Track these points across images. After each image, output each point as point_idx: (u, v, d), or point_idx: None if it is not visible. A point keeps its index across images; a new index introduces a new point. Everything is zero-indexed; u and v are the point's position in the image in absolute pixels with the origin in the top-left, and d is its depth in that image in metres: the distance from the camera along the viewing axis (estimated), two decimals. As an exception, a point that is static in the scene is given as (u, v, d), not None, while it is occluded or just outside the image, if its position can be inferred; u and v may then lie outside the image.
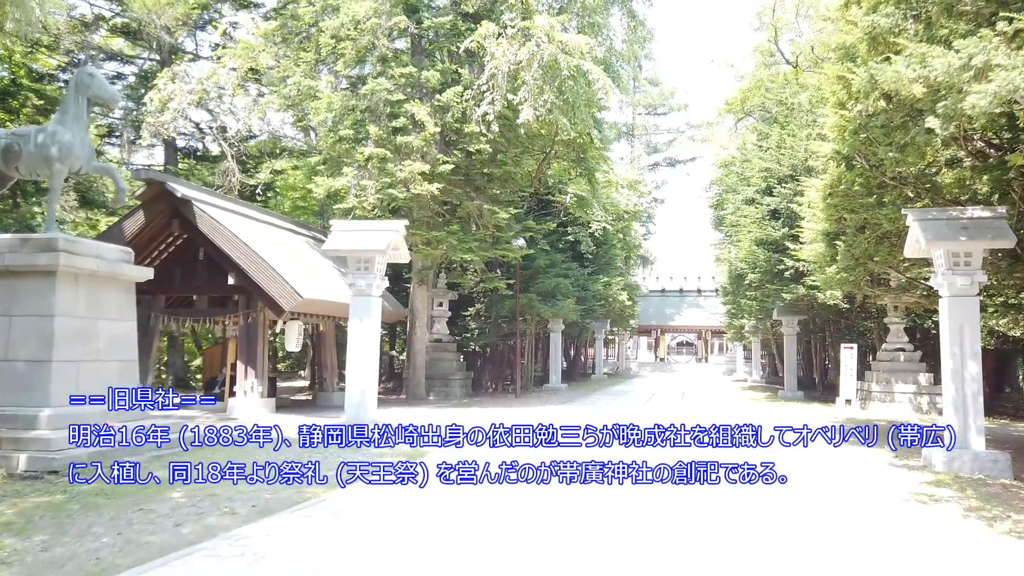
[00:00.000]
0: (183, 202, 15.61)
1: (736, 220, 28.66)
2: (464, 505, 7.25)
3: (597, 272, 30.97)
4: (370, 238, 11.14)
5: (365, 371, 11.22)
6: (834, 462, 10.54)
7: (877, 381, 20.67)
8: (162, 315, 17.12)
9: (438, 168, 17.46)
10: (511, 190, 20.78)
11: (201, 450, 9.95)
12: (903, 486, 8.60)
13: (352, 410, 11.19)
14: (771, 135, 24.41)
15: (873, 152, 10.75)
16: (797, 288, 21.45)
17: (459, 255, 18.76)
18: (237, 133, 24.06)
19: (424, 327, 21.69)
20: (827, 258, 13.21)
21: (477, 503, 7.35)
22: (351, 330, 11.36)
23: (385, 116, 17.51)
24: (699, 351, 64.85)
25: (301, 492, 7.42)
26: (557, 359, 28.10)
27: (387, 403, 20.70)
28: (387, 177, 17.07)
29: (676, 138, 61.58)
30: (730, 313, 39.50)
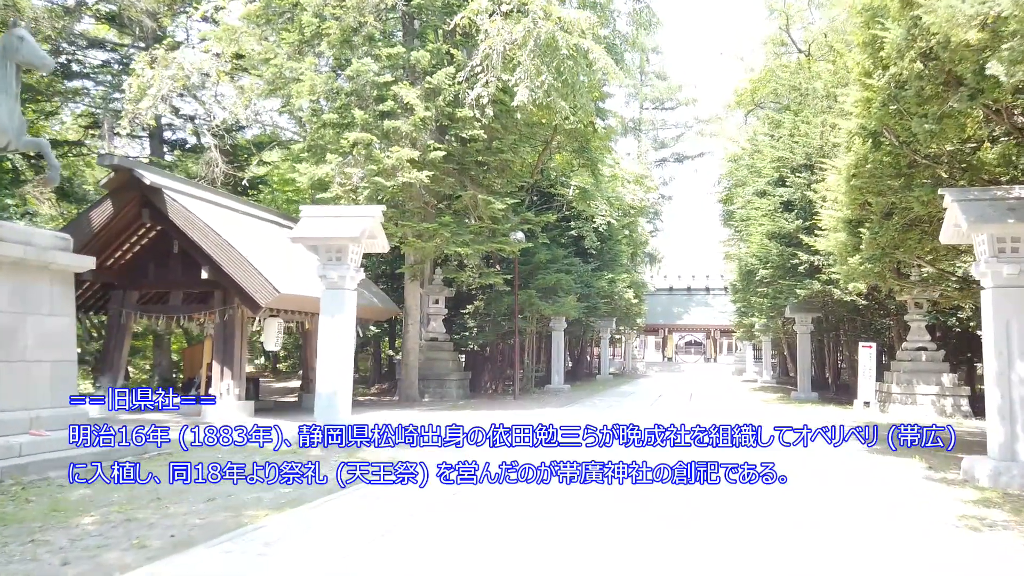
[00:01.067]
0: (153, 191, 14.54)
1: (746, 214, 27.45)
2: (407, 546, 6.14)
3: (601, 268, 29.79)
4: (342, 225, 10.03)
5: (337, 372, 10.11)
6: (863, 472, 9.36)
7: (897, 382, 19.45)
8: (134, 312, 16.05)
9: (428, 155, 16.33)
10: (508, 180, 19.64)
11: (154, 459, 8.87)
12: (947, 507, 7.41)
13: (322, 414, 10.08)
14: (784, 123, 23.20)
15: (904, 127, 9.57)
16: (812, 283, 20.25)
17: (452, 248, 17.62)
18: (223, 122, 22.99)
19: (418, 325, 20.58)
20: (849, 248, 12.01)
21: (435, 526, 6.24)
22: (321, 327, 10.26)
23: (372, 100, 16.40)
24: (708, 351, 63.55)
25: (238, 516, 6.30)
26: (559, 359, 26.92)
27: (378, 405, 19.60)
28: (373, 164, 15.95)
29: (684, 133, 60.33)
30: (740, 311, 38.25)
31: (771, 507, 7.28)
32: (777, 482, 8.01)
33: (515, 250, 19.79)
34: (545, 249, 23.95)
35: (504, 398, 22.54)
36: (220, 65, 19.92)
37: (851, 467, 9.89)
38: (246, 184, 22.58)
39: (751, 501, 7.50)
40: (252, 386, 18.11)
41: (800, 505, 7.41)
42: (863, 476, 9.21)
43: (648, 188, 43.20)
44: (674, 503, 7.34)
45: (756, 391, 30.21)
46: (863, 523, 6.71)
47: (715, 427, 9.74)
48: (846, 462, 10.24)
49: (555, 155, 25.81)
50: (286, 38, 17.11)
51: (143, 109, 19.26)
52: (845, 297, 20.11)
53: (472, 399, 22.02)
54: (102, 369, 16.03)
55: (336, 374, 10.09)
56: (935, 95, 8.84)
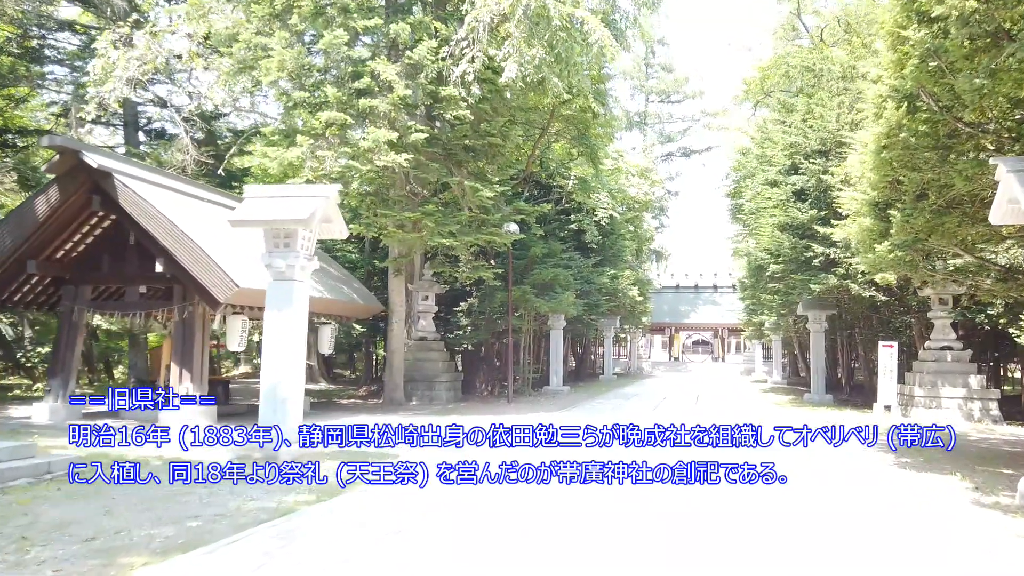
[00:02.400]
0: (102, 175, 13.18)
1: (756, 206, 25.94)
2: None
3: (603, 264, 28.31)
4: (290, 206, 8.64)
5: (286, 375, 8.72)
6: (900, 494, 7.91)
7: (920, 384, 17.99)
8: (87, 308, 14.72)
9: (409, 137, 14.92)
10: (500, 167, 18.22)
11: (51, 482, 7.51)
12: (1010, 545, 5.97)
13: (269, 424, 8.69)
14: (796, 107, 21.69)
15: (946, 86, 8.12)
16: (827, 278, 18.77)
17: (437, 240, 16.21)
18: (198, 107, 21.66)
19: (403, 323, 19.19)
20: (875, 234, 10.55)
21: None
22: (267, 324, 8.88)
23: (347, 77, 15.01)
24: (715, 350, 61.93)
25: (108, 567, 4.91)
26: (558, 359, 25.45)
27: (359, 409, 18.20)
28: (348, 147, 14.56)
29: (691, 127, 58.81)
30: (749, 309, 36.80)
31: (798, 532, 5.98)
32: (800, 499, 7.26)
33: (507, 242, 18.36)
34: (541, 242, 22.53)
35: (497, 401, 21.12)
36: (192, 46, 18.62)
37: (885, 486, 8.44)
38: (222, 174, 21.18)
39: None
40: (222, 388, 16.75)
41: (836, 544, 6.00)
42: (900, 499, 7.76)
43: (653, 182, 41.69)
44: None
45: (766, 392, 28.70)
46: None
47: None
48: (878, 478, 8.80)
49: (553, 144, 24.39)
50: (256, 11, 15.72)
51: (107, 92, 17.95)
52: (863, 292, 18.64)
53: (463, 402, 20.62)
54: (53, 371, 14.70)
55: (284, 376, 8.70)
56: (985, 48, 7.42)
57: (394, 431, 9.74)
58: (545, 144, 23.38)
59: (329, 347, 17.65)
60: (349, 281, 18.14)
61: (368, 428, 9.46)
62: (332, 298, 16.03)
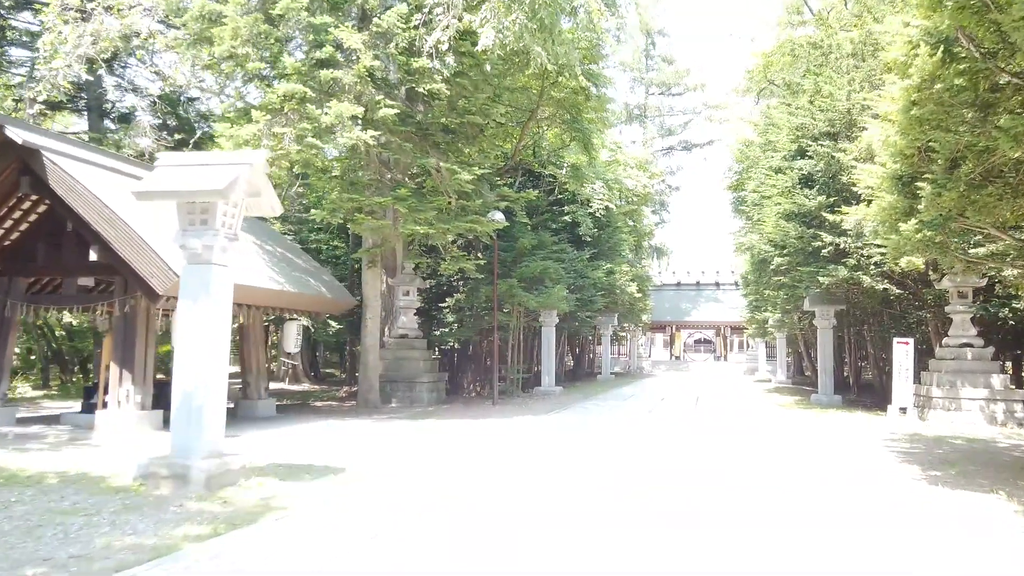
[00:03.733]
0: (29, 152, 11.79)
1: (760, 196, 24.45)
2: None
3: (599, 258, 26.86)
4: (205, 175, 7.24)
5: (203, 380, 7.31)
6: (937, 519, 6.47)
7: (938, 384, 16.53)
8: (21, 303, 13.32)
9: (376, 112, 13.52)
10: (483, 151, 16.80)
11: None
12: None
13: (181, 439, 7.29)
14: (803, 88, 20.21)
15: (991, 25, 6.70)
16: (837, 269, 17.31)
17: (410, 228, 14.80)
18: (163, 90, 20.28)
19: (378, 319, 17.76)
20: (899, 212, 9.11)
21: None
22: (180, 316, 7.48)
23: (307, 46, 13.62)
24: (717, 348, 60.43)
25: None
26: (550, 357, 24.00)
27: (328, 413, 16.80)
28: (307, 123, 13.15)
29: (692, 119, 57.31)
30: (752, 306, 35.30)
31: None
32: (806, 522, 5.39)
33: (489, 231, 16.93)
34: (530, 233, 21.11)
35: (483, 403, 19.71)
36: (152, 22, 17.23)
37: (917, 510, 7.01)
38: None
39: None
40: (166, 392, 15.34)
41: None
42: (940, 530, 6.33)
43: (652, 175, 40.25)
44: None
45: (770, 393, 27.25)
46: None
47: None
48: (906, 499, 7.37)
49: (545, 130, 22.97)
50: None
51: (57, 70, 16.59)
52: (876, 285, 17.19)
53: (446, 404, 19.22)
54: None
55: (200, 381, 7.29)
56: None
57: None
58: (535, 130, 21.99)
59: (295, 345, 16.27)
60: (319, 273, 16.75)
61: (312, 440, 8.05)
62: (296, 291, 14.63)
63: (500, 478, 8.34)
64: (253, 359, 15.91)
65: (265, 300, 14.35)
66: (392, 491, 7.46)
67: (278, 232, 19.62)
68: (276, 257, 15.42)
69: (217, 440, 7.51)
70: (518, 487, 7.76)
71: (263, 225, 16.79)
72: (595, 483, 8.01)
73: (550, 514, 6.52)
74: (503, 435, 12.60)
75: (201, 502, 6.69)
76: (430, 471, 8.80)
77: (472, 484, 7.94)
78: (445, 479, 8.25)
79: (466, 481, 8.13)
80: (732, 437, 12.75)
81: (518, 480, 8.19)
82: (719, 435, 13.04)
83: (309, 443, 11.38)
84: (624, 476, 8.48)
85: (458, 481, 8.12)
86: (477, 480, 8.21)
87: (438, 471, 8.81)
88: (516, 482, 8.06)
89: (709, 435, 12.96)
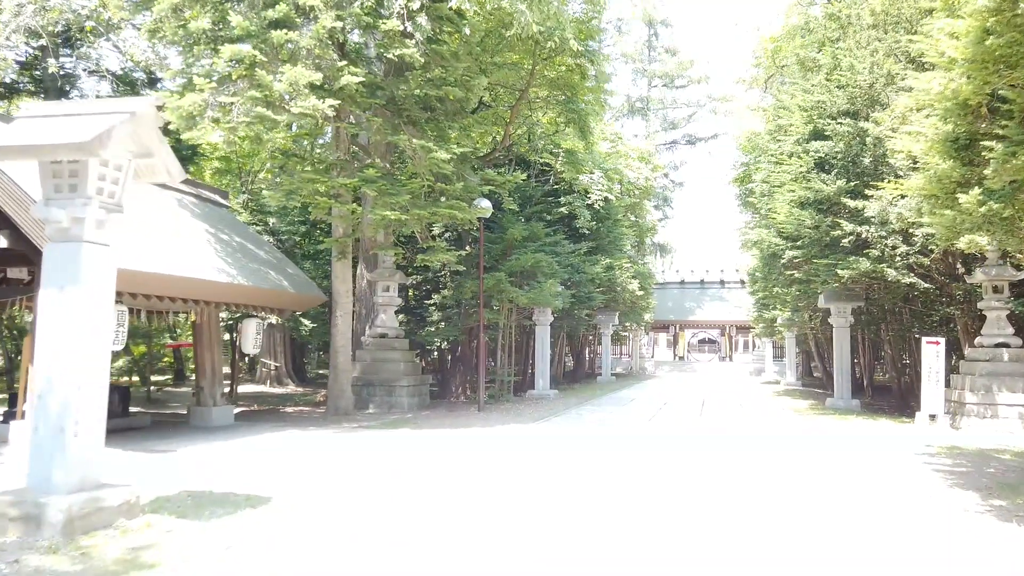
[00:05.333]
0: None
1: (770, 185, 22.70)
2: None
3: (597, 252, 25.13)
4: (72, 127, 5.60)
5: (69, 389, 5.67)
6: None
7: (971, 389, 14.82)
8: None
9: (339, 80, 11.83)
10: (463, 128, 15.10)
11: None
12: None
13: (39, 467, 5.63)
14: (819, 63, 18.44)
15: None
16: (858, 261, 15.58)
17: (379, 212, 13.11)
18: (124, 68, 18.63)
19: (349, 317, 16.05)
20: (954, 182, 7.39)
21: None
22: (41, 307, 5.83)
23: (259, 3, 11.94)
24: (723, 349, 58.62)
25: None
26: (545, 358, 22.27)
27: (296, 420, 15.12)
28: (258, 91, 11.47)
29: (696, 112, 55.50)
30: (759, 304, 33.53)
31: None
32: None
33: (472, 219, 15.24)
34: (522, 224, 19.42)
35: (469, 408, 18.02)
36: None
37: (987, 554, 5.32)
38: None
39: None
40: (117, 397, 13.71)
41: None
42: None
43: (655, 167, 38.50)
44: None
45: (781, 395, 25.51)
46: None
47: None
48: (972, 538, 5.68)
49: (538, 115, 21.26)
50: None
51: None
52: (902, 278, 15.48)
53: (428, 410, 17.54)
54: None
55: (66, 390, 5.64)
56: None
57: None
58: (527, 113, 20.29)
59: (255, 346, 14.60)
60: (282, 266, 15.07)
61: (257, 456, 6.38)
62: (250, 285, 12.95)
63: (450, 521, 6.67)
64: (207, 361, 14.24)
65: (214, 294, 12.69)
66: (317, 532, 5.79)
67: (241, 221, 17.92)
68: (232, 247, 13.75)
69: (89, 467, 5.84)
70: (471, 536, 6.08)
71: (221, 212, 15.13)
72: (571, 540, 6.33)
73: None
74: (477, 452, 10.92)
75: (49, 555, 5.02)
76: (372, 505, 7.13)
77: (417, 523, 6.28)
78: (386, 517, 6.57)
79: (411, 519, 6.46)
80: (745, 455, 11.05)
81: (473, 525, 6.52)
82: (729, 452, 11.34)
83: (250, 460, 9.72)
84: (609, 529, 6.79)
85: (402, 520, 6.45)
86: (422, 518, 6.54)
87: (381, 505, 7.13)
88: (470, 529, 6.39)
89: (717, 452, 11.26)
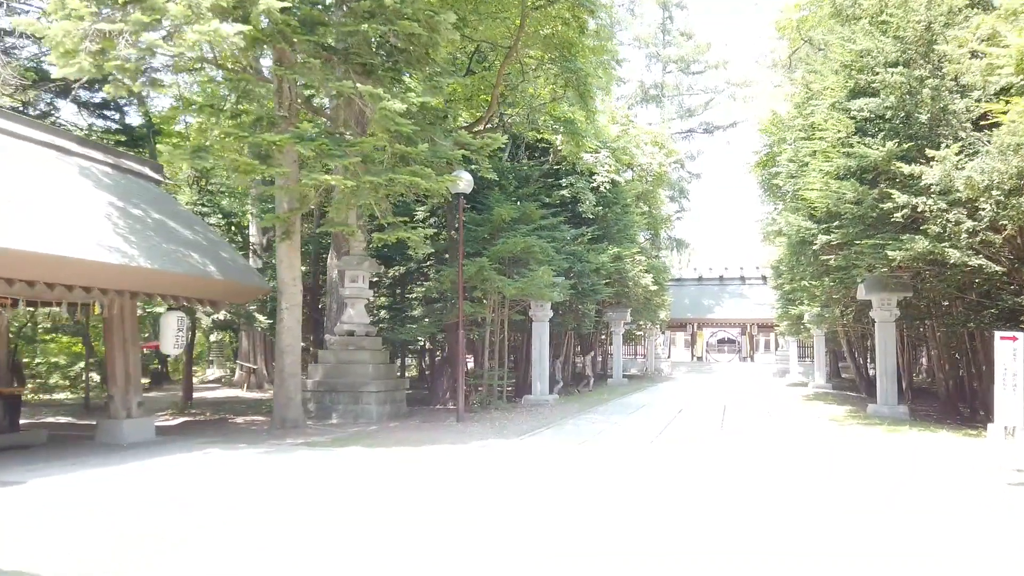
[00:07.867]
0: None
1: (798, 164, 19.84)
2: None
3: (603, 240, 22.37)
4: None
5: None
6: None
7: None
8: None
9: (255, 6, 9.21)
10: (429, 76, 12.42)
11: None
12: None
13: None
14: (862, 4, 15.56)
15: None
16: (914, 240, 12.75)
17: (314, 178, 10.47)
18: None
19: (296, 309, 13.38)
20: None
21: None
22: None
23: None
24: (743, 348, 55.57)
25: None
26: (542, 360, 19.50)
27: (237, 436, 12.49)
28: (147, 14, 8.87)
29: (713, 98, 52.46)
30: (785, 299, 30.55)
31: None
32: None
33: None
34: (509, 202, 16.73)
35: (448, 418, 15.36)
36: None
37: None
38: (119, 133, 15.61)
39: None
40: (3, 408, 11.18)
41: None
42: None
43: (670, 151, 35.62)
44: None
45: (811, 400, 22.60)
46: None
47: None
48: None
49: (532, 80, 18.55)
50: None
51: None
52: (969, 260, 12.61)
53: (397, 421, 14.91)
54: None
55: None
56: None
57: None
58: (518, 76, 17.62)
59: (177, 345, 11.99)
60: (214, 249, 12.45)
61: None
62: (155, 268, 10.31)
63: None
64: (118, 363, 11.65)
65: (105, 280, 10.10)
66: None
67: (172, 198, 15.23)
68: (144, 224, 11.15)
69: None
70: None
71: (145, 186, 12.54)
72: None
73: None
74: (433, 484, 8.26)
75: None
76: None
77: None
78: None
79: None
80: (781, 490, 8.31)
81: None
82: (760, 485, 8.60)
83: (101, 502, 7.14)
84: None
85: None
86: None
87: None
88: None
89: (745, 487, 8.52)
